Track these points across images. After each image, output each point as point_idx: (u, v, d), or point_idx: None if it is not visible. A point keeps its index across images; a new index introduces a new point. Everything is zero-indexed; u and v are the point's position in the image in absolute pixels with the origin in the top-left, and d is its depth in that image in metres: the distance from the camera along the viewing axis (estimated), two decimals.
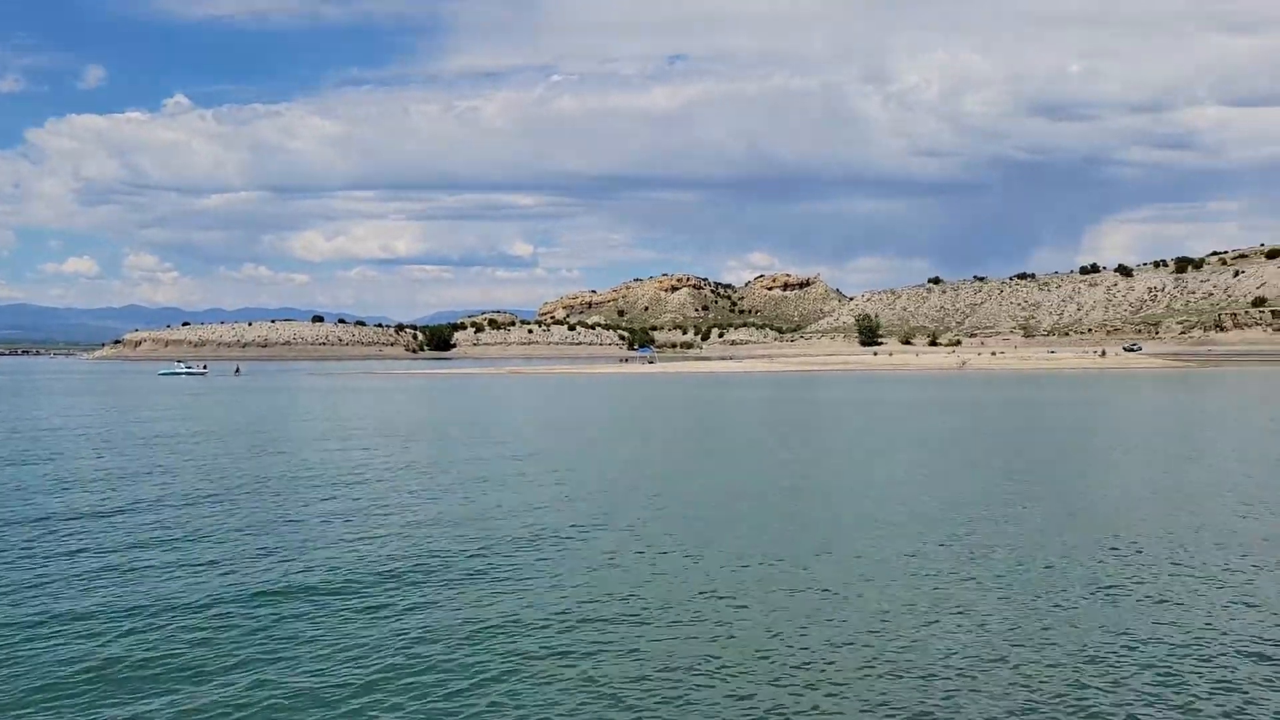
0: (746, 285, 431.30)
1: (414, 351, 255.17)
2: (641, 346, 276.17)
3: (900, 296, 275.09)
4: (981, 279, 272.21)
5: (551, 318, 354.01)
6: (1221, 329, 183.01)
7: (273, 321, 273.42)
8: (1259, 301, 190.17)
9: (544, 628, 12.48)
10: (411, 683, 10.71)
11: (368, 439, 37.19)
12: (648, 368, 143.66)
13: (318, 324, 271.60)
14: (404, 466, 28.72)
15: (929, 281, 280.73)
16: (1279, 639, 11.89)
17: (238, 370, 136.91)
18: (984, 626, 12.59)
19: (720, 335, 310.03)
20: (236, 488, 24.31)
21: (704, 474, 27.27)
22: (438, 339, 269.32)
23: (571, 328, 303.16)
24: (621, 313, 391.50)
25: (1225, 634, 12.05)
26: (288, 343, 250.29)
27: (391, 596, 14.06)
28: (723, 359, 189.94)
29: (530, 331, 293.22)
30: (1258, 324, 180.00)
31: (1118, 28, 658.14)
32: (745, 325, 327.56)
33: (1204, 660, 11.14)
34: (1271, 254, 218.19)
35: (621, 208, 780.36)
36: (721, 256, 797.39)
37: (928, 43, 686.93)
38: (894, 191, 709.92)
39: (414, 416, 51.44)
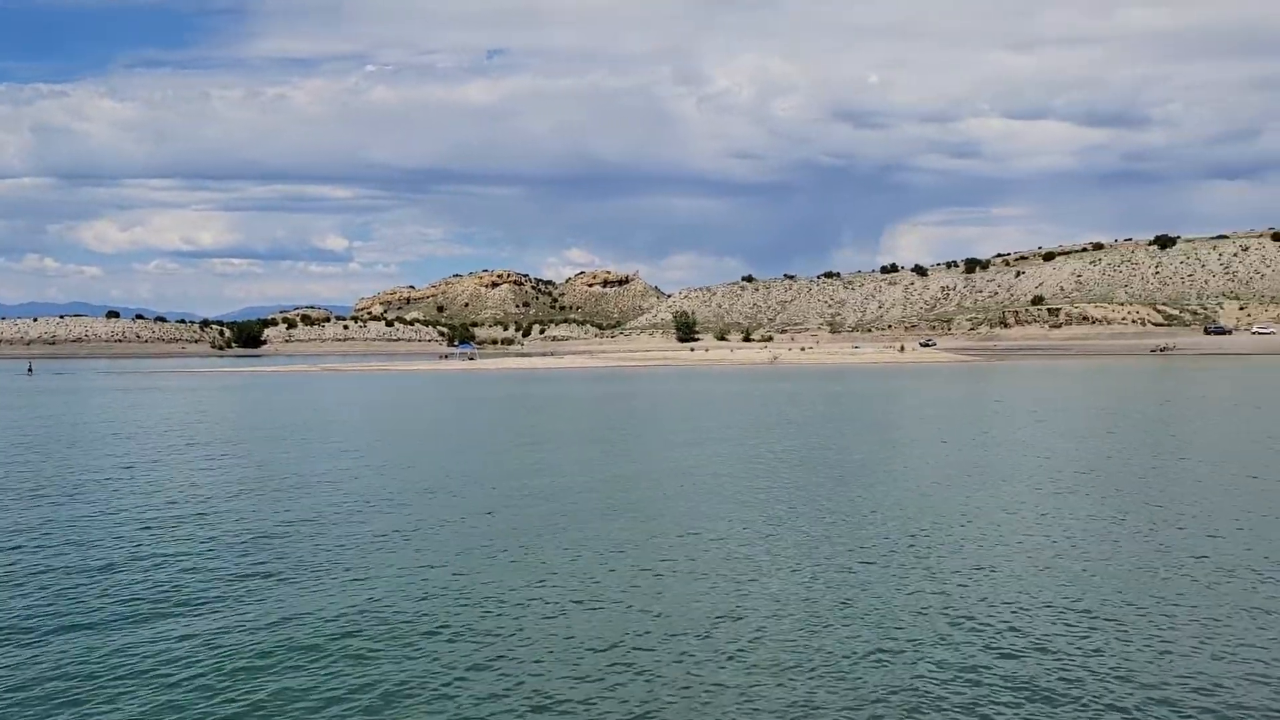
0: (567, 282, 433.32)
1: (221, 349, 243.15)
2: (462, 343, 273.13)
3: (716, 294, 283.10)
4: (791, 277, 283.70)
5: (368, 314, 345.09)
6: (1005, 326, 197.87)
7: (61, 317, 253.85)
8: (1037, 300, 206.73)
9: (338, 629, 13.16)
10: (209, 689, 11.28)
11: (193, 444, 36.21)
12: (469, 364, 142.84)
13: (113, 320, 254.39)
14: (212, 468, 28.38)
15: (743, 279, 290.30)
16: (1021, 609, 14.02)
17: (30, 369, 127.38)
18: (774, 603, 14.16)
19: (542, 332, 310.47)
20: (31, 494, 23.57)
21: (525, 469, 28.23)
22: (247, 336, 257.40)
23: (390, 324, 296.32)
24: (441, 309, 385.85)
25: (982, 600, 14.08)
26: (79, 340, 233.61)
27: (198, 606, 14.42)
28: (544, 355, 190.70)
29: (346, 328, 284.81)
30: (1036, 321, 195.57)
31: (913, 41, 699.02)
32: (566, 322, 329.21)
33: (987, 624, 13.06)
34: (1048, 257, 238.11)
35: (440, 202, 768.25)
36: (541, 253, 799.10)
37: (739, 47, 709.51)
38: (709, 191, 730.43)
39: (231, 416, 50.03)
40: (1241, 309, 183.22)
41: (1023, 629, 12.70)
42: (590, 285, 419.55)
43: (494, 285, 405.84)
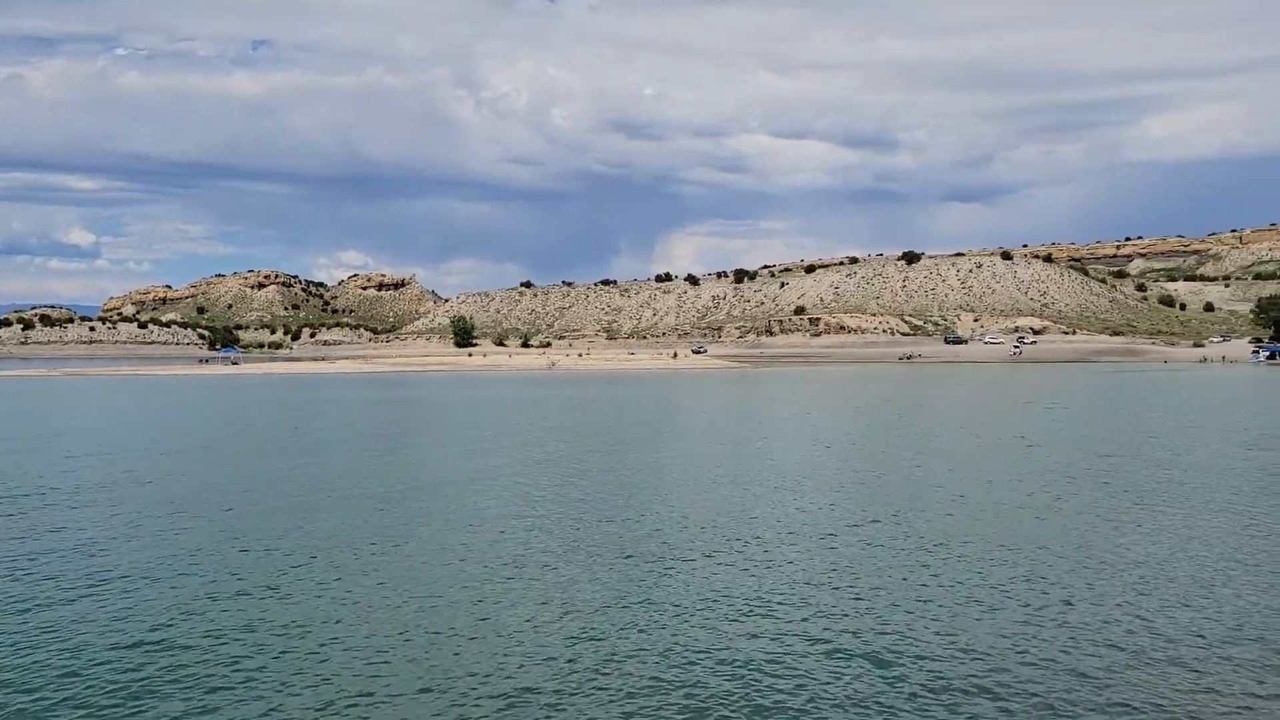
0: (340, 284, 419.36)
1: None
2: (225, 347, 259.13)
3: (494, 299, 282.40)
4: (569, 284, 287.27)
5: (119, 314, 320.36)
6: (771, 334, 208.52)
7: None
8: (799, 310, 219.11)
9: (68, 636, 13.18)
10: None
11: None
12: (232, 369, 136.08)
13: None
14: None
15: (521, 285, 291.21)
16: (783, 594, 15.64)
17: None
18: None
19: (312, 335, 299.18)
20: None
21: (280, 478, 27.95)
22: None
23: (143, 325, 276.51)
24: (202, 310, 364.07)
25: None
26: None
27: None
28: (315, 359, 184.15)
29: (93, 329, 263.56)
30: (799, 329, 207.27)
31: (686, 58, 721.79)
32: (339, 325, 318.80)
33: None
34: (809, 269, 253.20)
35: (201, 197, 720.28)
36: (313, 254, 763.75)
37: (516, 53, 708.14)
38: (488, 196, 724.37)
39: None
40: (975, 320, 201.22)
41: (752, 608, 14.29)
42: (365, 288, 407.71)
43: (261, 286, 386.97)
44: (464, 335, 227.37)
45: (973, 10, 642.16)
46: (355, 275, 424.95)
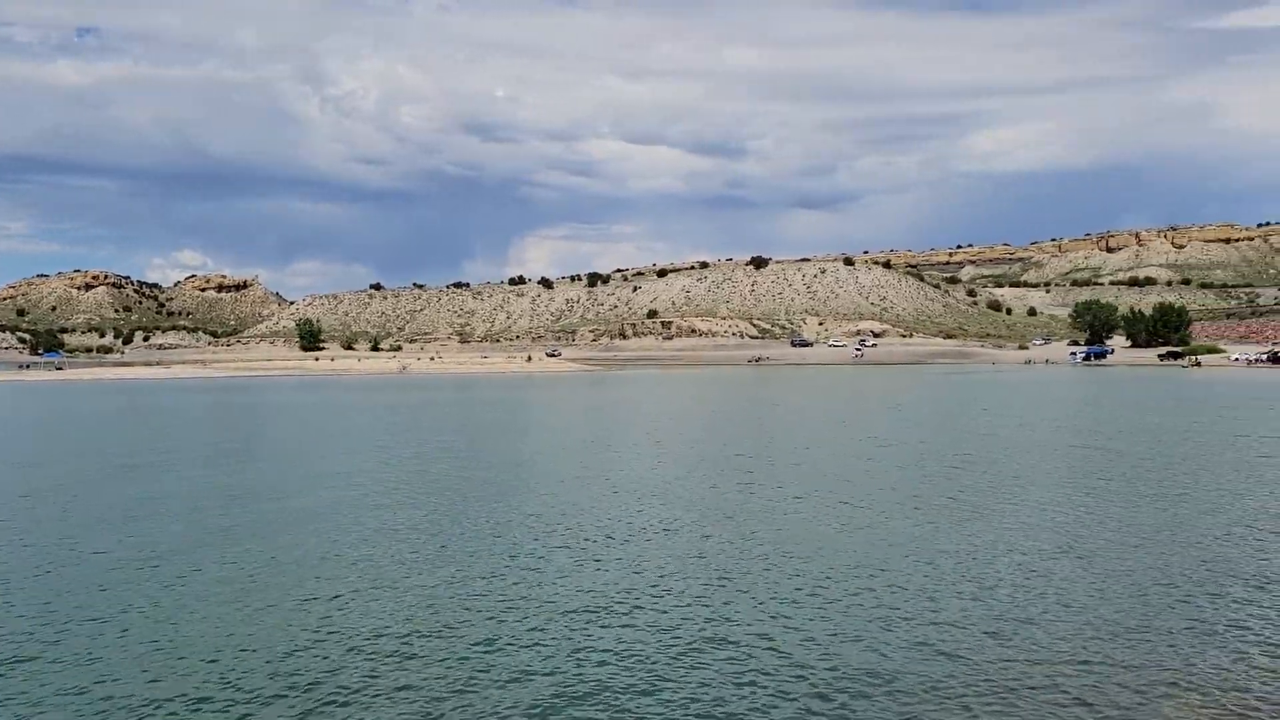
0: (176, 285, 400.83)
1: None
2: (49, 351, 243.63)
3: (343, 301, 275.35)
4: (421, 286, 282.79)
5: None
6: (624, 337, 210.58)
7: None
8: (652, 314, 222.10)
9: None
10: None
11: None
12: (55, 375, 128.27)
13: None
14: None
15: (371, 287, 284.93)
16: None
17: None
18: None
19: (146, 339, 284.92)
20: None
21: (109, 489, 26.96)
22: None
23: None
24: (22, 312, 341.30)
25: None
26: None
27: None
28: (148, 364, 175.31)
29: None
30: (651, 333, 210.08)
31: (537, 61, 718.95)
32: (175, 328, 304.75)
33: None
34: (661, 273, 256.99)
35: (21, 192, 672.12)
36: (146, 254, 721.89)
37: (364, 50, 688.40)
38: (335, 196, 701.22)
39: None
40: (820, 324, 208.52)
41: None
42: (203, 290, 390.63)
43: (88, 287, 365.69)
44: (311, 338, 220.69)
45: (816, 25, 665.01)
46: (193, 276, 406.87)
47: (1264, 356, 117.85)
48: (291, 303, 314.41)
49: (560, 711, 10.78)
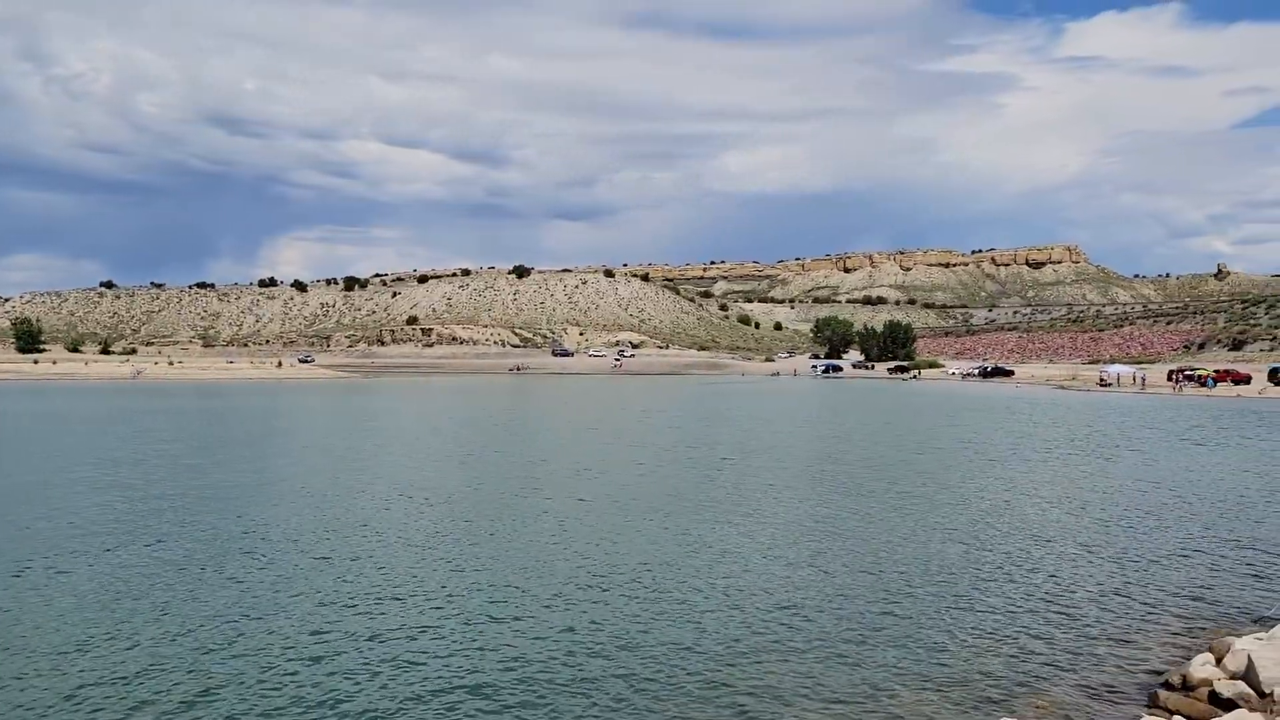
0: None
1: None
2: None
3: (68, 300, 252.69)
4: (160, 286, 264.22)
5: None
6: (383, 343, 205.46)
7: None
8: (412, 320, 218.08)
9: None
10: None
11: None
12: None
13: None
14: None
15: (101, 285, 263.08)
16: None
17: None
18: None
19: None
20: None
21: None
22: None
23: None
24: None
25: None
26: None
27: None
28: None
29: None
30: (411, 340, 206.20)
31: (291, 54, 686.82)
32: None
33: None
34: (422, 279, 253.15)
35: None
36: None
37: (96, 30, 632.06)
38: (60, 185, 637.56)
39: None
40: (581, 334, 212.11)
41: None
42: None
43: None
44: (29, 340, 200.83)
45: (579, 39, 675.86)
46: None
47: (975, 371, 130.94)
48: (7, 300, 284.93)
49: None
